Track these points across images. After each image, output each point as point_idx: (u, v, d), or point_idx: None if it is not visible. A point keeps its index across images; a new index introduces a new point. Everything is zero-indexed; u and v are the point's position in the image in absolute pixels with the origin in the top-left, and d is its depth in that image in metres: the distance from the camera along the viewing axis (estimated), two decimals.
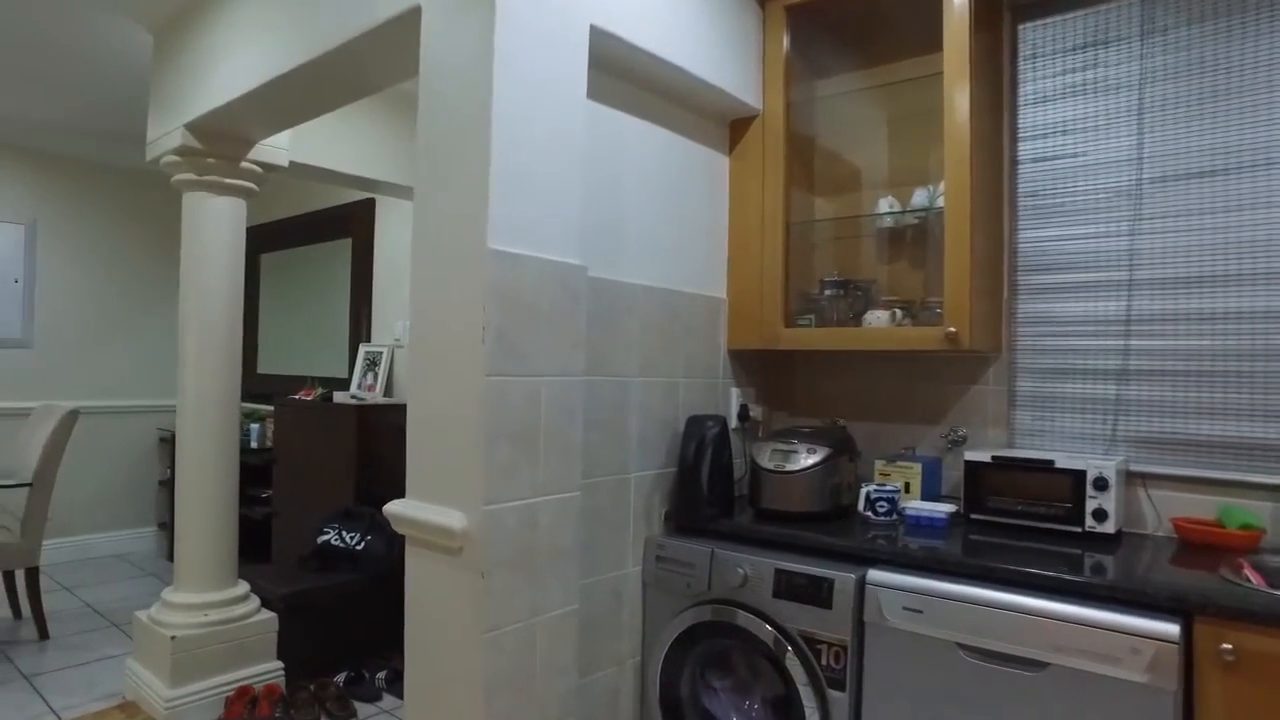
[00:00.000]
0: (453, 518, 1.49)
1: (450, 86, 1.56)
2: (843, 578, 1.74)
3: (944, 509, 1.97)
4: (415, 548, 1.61)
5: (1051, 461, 1.88)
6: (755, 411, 2.41)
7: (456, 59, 1.55)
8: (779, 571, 1.82)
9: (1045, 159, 2.13)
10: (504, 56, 1.49)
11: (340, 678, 2.98)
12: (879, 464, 2.19)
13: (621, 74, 1.98)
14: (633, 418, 2.01)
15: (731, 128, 2.36)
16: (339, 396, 3.97)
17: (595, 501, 1.91)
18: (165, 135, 2.72)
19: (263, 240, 5.16)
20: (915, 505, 2.00)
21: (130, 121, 3.98)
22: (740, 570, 1.87)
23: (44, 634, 3.52)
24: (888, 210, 2.26)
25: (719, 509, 2.06)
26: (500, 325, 1.50)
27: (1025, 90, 2.16)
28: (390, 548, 3.21)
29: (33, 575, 3.53)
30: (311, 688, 2.80)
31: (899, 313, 2.15)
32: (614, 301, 1.96)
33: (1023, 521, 1.92)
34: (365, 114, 3.24)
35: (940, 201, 2.08)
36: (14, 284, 4.65)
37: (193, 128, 2.60)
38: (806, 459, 2.03)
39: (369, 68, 2.08)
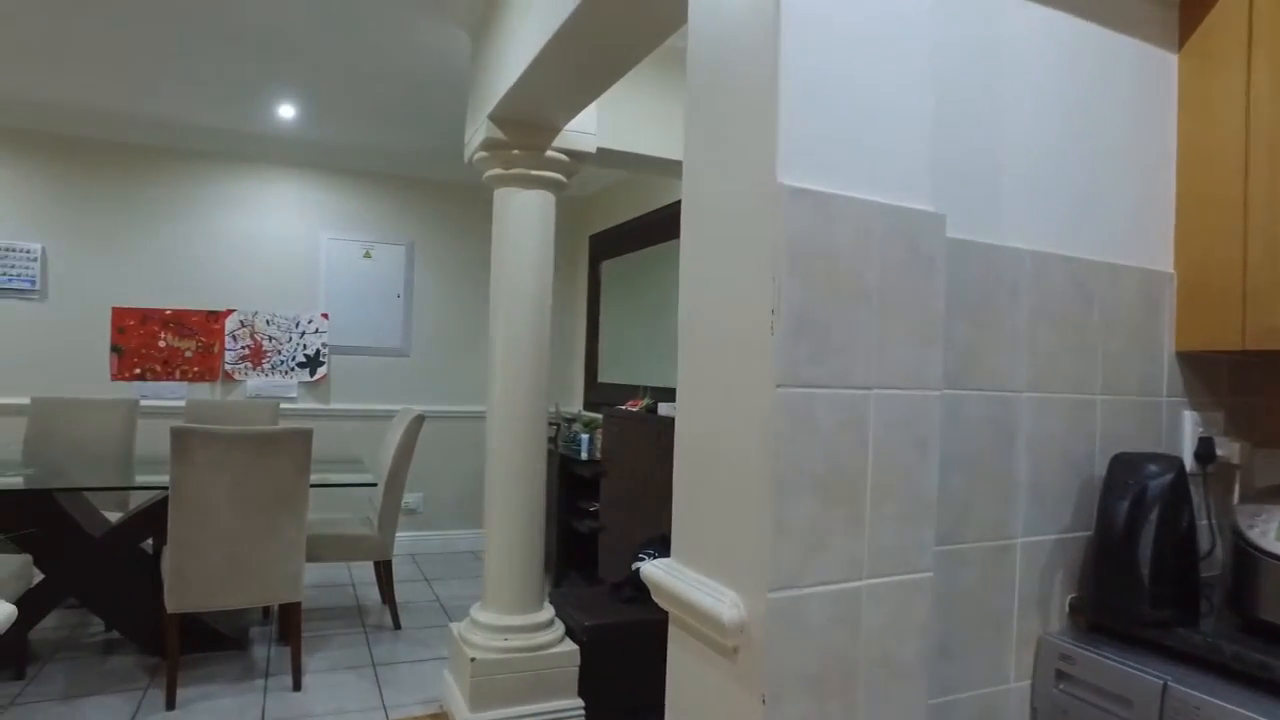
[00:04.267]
0: (725, 601, 0.98)
1: None
2: None
3: None
4: (678, 630, 1.13)
5: None
6: (1226, 450, 1.53)
7: None
8: None
9: None
10: None
11: None
12: None
13: None
14: (1020, 454, 1.32)
15: (1183, 7, 1.53)
16: (664, 408, 3.69)
17: (955, 580, 1.26)
18: (475, 132, 2.63)
19: (603, 247, 5.19)
20: None
21: None
22: None
23: (397, 624, 3.74)
24: None
25: (1173, 608, 1.26)
26: (801, 306, 0.95)
27: None
28: None
29: (386, 567, 3.77)
30: None
31: None
32: (987, 275, 1.29)
33: None
34: (676, 94, 2.89)
35: None
36: (396, 299, 5.21)
37: (495, 118, 2.46)
38: None
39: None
